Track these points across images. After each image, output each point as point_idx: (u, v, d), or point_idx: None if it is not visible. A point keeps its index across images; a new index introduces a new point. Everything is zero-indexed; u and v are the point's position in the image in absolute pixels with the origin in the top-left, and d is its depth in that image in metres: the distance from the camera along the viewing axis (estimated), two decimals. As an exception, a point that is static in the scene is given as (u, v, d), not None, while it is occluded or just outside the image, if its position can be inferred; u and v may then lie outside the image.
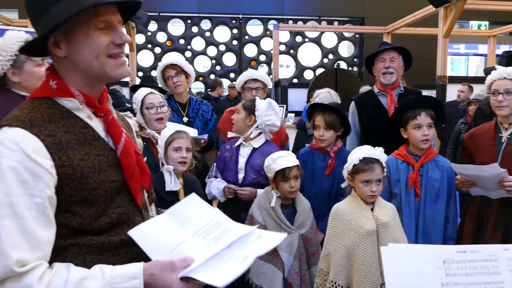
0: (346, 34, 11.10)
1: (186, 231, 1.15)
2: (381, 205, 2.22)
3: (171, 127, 2.63)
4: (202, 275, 1.04)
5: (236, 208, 2.66)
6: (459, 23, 8.92)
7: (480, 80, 5.51)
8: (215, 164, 2.84)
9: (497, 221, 2.38)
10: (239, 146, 2.75)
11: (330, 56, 11.11)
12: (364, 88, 6.22)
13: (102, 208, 1.14)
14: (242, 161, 2.69)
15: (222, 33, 11.02)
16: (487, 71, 3.03)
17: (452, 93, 6.73)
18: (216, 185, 2.71)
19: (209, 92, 8.10)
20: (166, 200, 2.36)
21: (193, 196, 1.27)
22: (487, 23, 11.26)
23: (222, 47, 10.95)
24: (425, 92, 3.44)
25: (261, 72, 3.45)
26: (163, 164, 2.49)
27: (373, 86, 3.22)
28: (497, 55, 7.71)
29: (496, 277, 1.25)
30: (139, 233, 1.14)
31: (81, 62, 1.13)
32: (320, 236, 2.51)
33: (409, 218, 2.43)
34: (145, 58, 10.63)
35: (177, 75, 3.29)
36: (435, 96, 6.10)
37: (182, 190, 2.45)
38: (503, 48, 10.14)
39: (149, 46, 10.68)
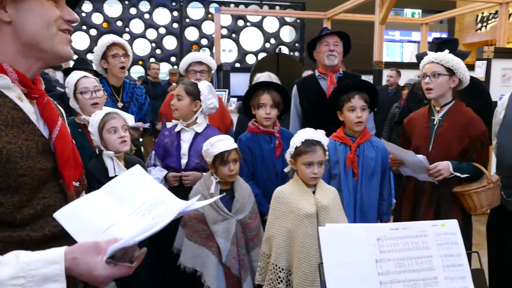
0: (287, 19, 11.20)
1: (123, 210, 1.06)
2: (323, 188, 2.26)
3: (99, 112, 2.49)
4: (117, 245, 0.96)
5: (181, 194, 2.61)
6: (394, 11, 9.25)
7: (413, 65, 5.76)
8: (153, 152, 2.74)
9: (430, 198, 2.51)
10: (179, 131, 2.69)
11: (272, 40, 11.17)
12: (307, 73, 6.32)
13: (27, 197, 1.04)
14: (185, 146, 2.65)
15: (162, 16, 10.72)
16: (419, 56, 3.17)
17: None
18: (155, 175, 2.63)
19: (147, 77, 7.91)
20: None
21: (137, 168, 1.17)
22: (420, 11, 11.79)
23: (162, 30, 10.67)
24: (363, 77, 3.54)
25: (206, 55, 3.36)
26: (100, 151, 2.38)
27: (315, 70, 3.28)
28: (429, 42, 8.10)
29: (426, 251, 1.31)
30: (66, 214, 1.03)
31: (29, 30, 1.05)
32: None
33: (348, 197, 2.51)
34: (80, 41, 10.13)
35: (124, 56, 3.17)
36: (372, 81, 6.33)
37: (126, 174, 2.37)
38: (435, 35, 10.66)
39: (84, 27, 10.18)
